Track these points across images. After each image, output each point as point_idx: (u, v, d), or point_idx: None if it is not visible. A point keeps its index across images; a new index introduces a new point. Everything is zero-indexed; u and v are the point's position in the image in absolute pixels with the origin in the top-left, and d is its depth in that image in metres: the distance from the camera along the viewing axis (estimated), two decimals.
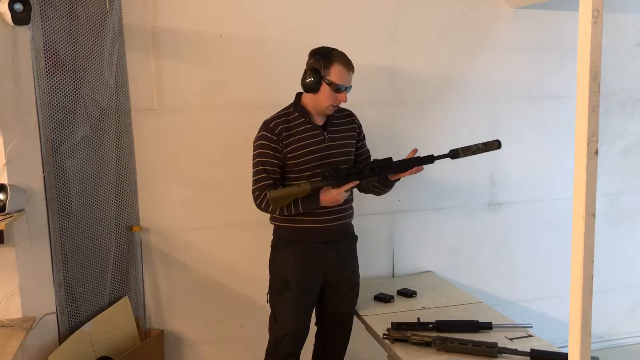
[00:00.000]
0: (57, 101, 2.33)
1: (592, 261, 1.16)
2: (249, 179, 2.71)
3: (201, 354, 2.92)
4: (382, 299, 2.66)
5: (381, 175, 2.30)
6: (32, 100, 2.23)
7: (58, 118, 2.35)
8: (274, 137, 2.28)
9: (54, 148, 2.33)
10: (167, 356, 2.84)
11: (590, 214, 1.14)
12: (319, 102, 2.30)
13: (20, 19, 2.06)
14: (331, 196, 2.26)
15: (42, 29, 2.24)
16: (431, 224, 3.12)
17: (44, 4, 2.24)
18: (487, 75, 3.07)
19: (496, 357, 2.01)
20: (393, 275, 3.09)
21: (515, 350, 2.03)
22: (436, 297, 2.71)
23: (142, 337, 2.74)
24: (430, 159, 2.32)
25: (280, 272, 2.37)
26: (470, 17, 3.02)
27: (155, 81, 2.69)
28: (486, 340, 2.07)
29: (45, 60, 2.27)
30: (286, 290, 2.35)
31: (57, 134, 2.35)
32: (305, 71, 2.28)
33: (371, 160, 2.44)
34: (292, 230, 2.36)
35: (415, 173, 2.34)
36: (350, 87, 2.31)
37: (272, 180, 2.28)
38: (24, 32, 2.16)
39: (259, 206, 2.30)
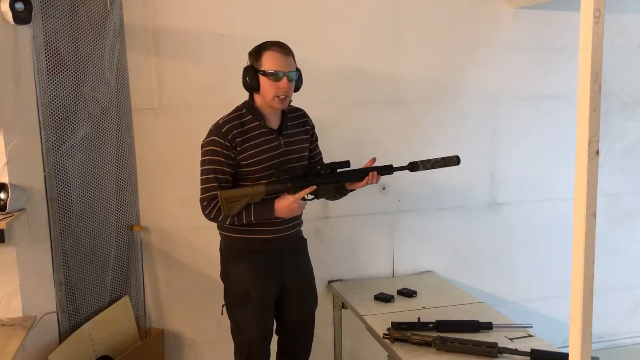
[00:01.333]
0: (57, 100, 2.33)
1: (593, 261, 1.16)
2: None
3: (201, 353, 2.92)
4: (383, 298, 2.66)
5: (339, 180, 2.21)
6: (32, 99, 2.23)
7: (59, 117, 2.35)
8: (226, 142, 2.13)
9: (55, 147, 2.33)
10: (167, 356, 2.84)
11: (591, 214, 1.14)
12: (264, 99, 2.16)
13: (22, 18, 2.05)
14: (287, 202, 2.14)
15: (43, 28, 2.24)
16: (431, 224, 3.12)
17: (45, 3, 2.25)
18: (487, 75, 3.07)
19: (496, 357, 2.01)
20: (393, 275, 3.09)
21: (516, 350, 2.03)
22: (436, 297, 2.71)
23: (142, 336, 2.74)
24: (389, 169, 2.27)
25: (238, 284, 2.26)
26: (471, 17, 3.02)
27: (156, 80, 2.69)
28: (486, 340, 2.07)
29: (46, 60, 2.27)
30: (247, 301, 2.24)
31: (58, 133, 2.35)
32: (243, 72, 2.17)
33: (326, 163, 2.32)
34: (245, 240, 2.24)
35: (371, 183, 2.26)
36: (294, 71, 2.16)
37: (226, 184, 2.17)
38: (25, 32, 2.17)
39: (208, 216, 2.18)
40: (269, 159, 2.19)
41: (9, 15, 2.03)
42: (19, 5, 2.03)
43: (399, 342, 2.15)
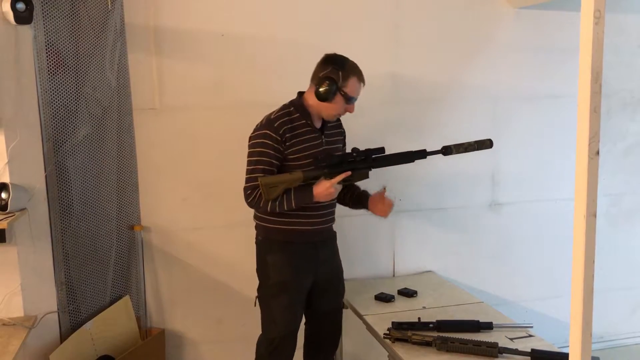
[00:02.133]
0: (59, 100, 2.34)
1: (593, 261, 1.16)
2: None
3: (202, 353, 2.92)
4: (383, 298, 2.66)
5: (373, 166, 2.32)
6: (34, 99, 2.23)
7: (60, 117, 2.35)
8: (277, 137, 2.25)
9: (56, 147, 2.34)
10: (168, 355, 2.85)
11: (592, 214, 1.15)
12: (328, 110, 2.31)
13: (23, 18, 2.06)
14: (324, 187, 2.24)
15: (44, 28, 2.25)
16: (432, 223, 3.12)
17: (46, 3, 2.25)
18: (488, 75, 3.07)
19: (497, 357, 2.01)
20: (394, 275, 3.09)
21: (516, 350, 2.04)
22: (437, 296, 2.71)
23: (143, 336, 2.74)
24: (422, 154, 2.34)
25: (275, 275, 2.36)
26: (472, 17, 3.02)
27: (157, 80, 2.69)
28: (487, 340, 2.07)
29: (47, 60, 2.28)
30: (283, 292, 2.35)
31: (59, 133, 2.35)
32: (321, 79, 2.25)
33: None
34: (284, 232, 2.35)
35: (384, 212, 2.45)
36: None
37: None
38: (26, 32, 2.17)
39: (250, 204, 2.28)
40: (312, 155, 2.31)
41: (10, 15, 2.04)
42: (20, 6, 2.03)
43: (399, 342, 2.15)
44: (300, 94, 2.38)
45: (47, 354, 2.23)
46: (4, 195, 2.08)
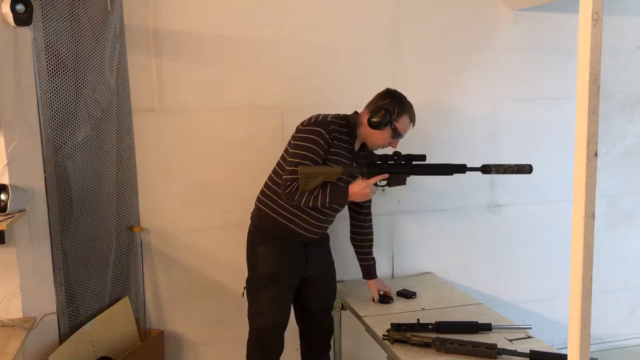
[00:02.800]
0: (58, 102, 2.34)
1: (592, 262, 1.17)
2: (249, 179, 2.71)
3: (201, 354, 2.92)
4: (382, 300, 2.66)
5: (412, 172, 2.34)
6: (33, 100, 2.23)
7: (59, 118, 2.35)
8: (327, 136, 2.27)
9: (55, 148, 2.34)
10: (167, 357, 2.84)
11: (590, 215, 1.15)
12: (374, 139, 2.37)
13: (22, 19, 2.06)
14: (360, 187, 2.27)
15: (44, 29, 2.25)
16: (431, 225, 3.12)
17: (46, 5, 2.25)
18: (487, 77, 3.08)
19: (495, 358, 2.01)
20: (393, 277, 3.10)
21: (515, 351, 2.04)
22: (436, 298, 2.72)
23: (142, 337, 2.74)
24: (462, 169, 2.34)
25: (264, 265, 2.39)
26: (471, 19, 3.03)
27: (156, 82, 2.69)
28: (486, 342, 2.07)
29: (47, 61, 2.28)
30: (272, 284, 2.38)
31: (58, 134, 2.35)
32: (377, 108, 2.30)
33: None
34: (276, 223, 2.38)
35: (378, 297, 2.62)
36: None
37: None
38: (26, 33, 2.17)
39: (287, 194, 2.27)
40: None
41: (9, 16, 2.04)
42: (20, 7, 2.03)
43: (398, 343, 2.16)
44: (356, 113, 2.42)
45: (46, 355, 2.23)
46: (3, 196, 2.08)
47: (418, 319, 2.30)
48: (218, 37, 2.73)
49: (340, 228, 2.75)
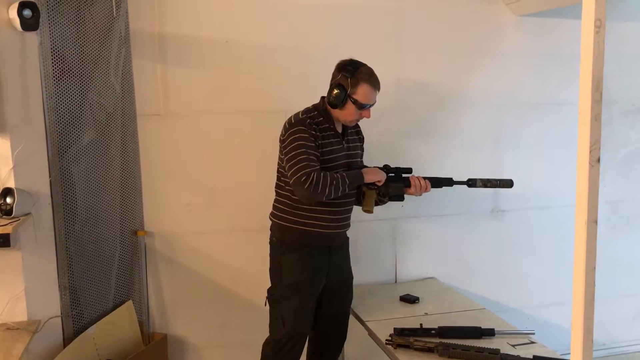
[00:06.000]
0: (64, 106, 2.35)
1: (594, 268, 1.17)
2: (254, 184, 2.73)
3: (204, 358, 2.92)
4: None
5: (405, 184, 2.41)
6: (39, 105, 2.25)
7: (65, 123, 2.37)
8: (310, 131, 2.26)
9: (61, 152, 2.35)
10: None
11: (592, 221, 1.15)
12: (342, 116, 2.34)
13: (29, 25, 2.07)
14: (373, 171, 2.36)
15: (50, 34, 2.27)
16: (434, 230, 3.12)
17: (52, 10, 2.27)
18: (490, 82, 3.09)
19: None
20: (396, 281, 3.10)
21: (518, 356, 2.04)
22: (439, 303, 2.72)
23: (146, 341, 2.75)
24: (449, 182, 2.45)
25: (289, 276, 2.37)
26: (474, 25, 3.04)
27: (161, 86, 2.71)
28: (489, 347, 2.08)
29: (53, 66, 2.29)
30: (295, 294, 2.36)
31: (64, 138, 2.37)
32: (332, 85, 2.29)
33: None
34: (299, 232, 2.36)
35: (424, 191, 2.42)
36: (375, 102, 2.35)
37: (318, 165, 2.24)
38: (32, 38, 2.19)
39: (310, 186, 2.16)
40: (334, 159, 2.34)
41: (16, 22, 2.06)
42: (27, 12, 2.05)
43: (401, 348, 2.16)
44: (323, 98, 2.38)
45: (50, 358, 2.24)
46: (9, 200, 2.09)
47: (421, 324, 2.31)
48: (223, 42, 2.74)
49: None
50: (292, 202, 2.35)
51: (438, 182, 2.43)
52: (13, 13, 2.05)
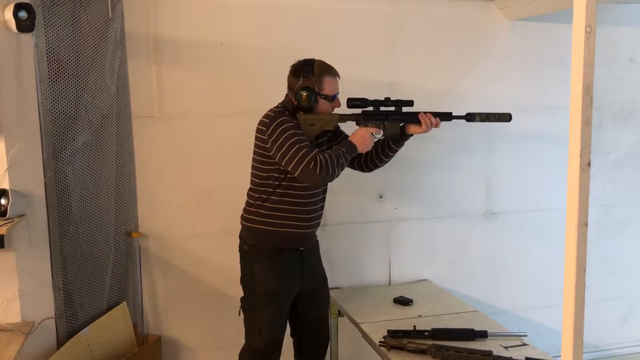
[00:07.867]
0: (59, 107, 2.35)
1: (585, 270, 1.19)
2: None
3: None
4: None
5: (404, 119, 2.37)
6: (34, 106, 2.25)
7: (60, 124, 2.37)
8: (294, 120, 2.25)
9: (55, 154, 2.35)
10: None
11: (583, 224, 1.17)
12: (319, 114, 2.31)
13: (25, 26, 2.07)
14: (359, 135, 2.30)
15: (46, 36, 2.27)
16: (428, 232, 3.14)
17: (48, 12, 2.27)
18: (483, 85, 3.11)
19: None
20: (390, 283, 3.11)
21: (510, 358, 2.05)
22: (432, 305, 2.73)
23: (140, 342, 2.75)
24: (448, 116, 2.42)
25: (262, 284, 2.34)
26: (468, 28, 3.06)
27: (156, 88, 2.71)
28: (481, 349, 2.09)
29: (48, 67, 2.29)
30: (270, 303, 2.33)
31: (59, 139, 2.37)
32: (298, 92, 2.25)
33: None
34: (270, 234, 2.32)
35: (434, 126, 2.39)
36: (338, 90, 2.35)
37: (316, 149, 2.22)
38: (28, 40, 2.19)
39: (322, 170, 2.14)
40: None
41: (12, 23, 2.06)
42: (23, 14, 2.05)
43: (394, 349, 2.17)
44: (287, 98, 2.36)
45: (44, 359, 2.24)
46: (3, 201, 2.09)
47: (414, 326, 2.32)
48: (218, 44, 2.75)
49: (332, 233, 2.77)
50: (267, 203, 2.31)
51: (436, 115, 2.39)
52: (8, 14, 2.05)
